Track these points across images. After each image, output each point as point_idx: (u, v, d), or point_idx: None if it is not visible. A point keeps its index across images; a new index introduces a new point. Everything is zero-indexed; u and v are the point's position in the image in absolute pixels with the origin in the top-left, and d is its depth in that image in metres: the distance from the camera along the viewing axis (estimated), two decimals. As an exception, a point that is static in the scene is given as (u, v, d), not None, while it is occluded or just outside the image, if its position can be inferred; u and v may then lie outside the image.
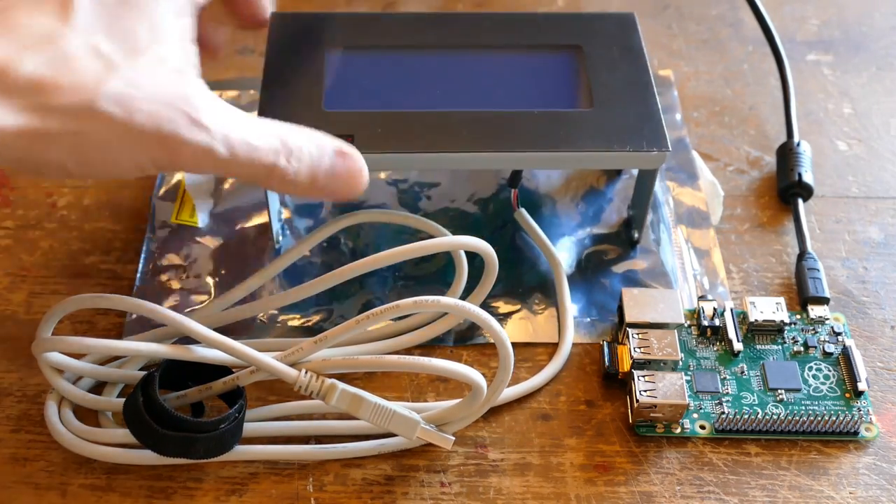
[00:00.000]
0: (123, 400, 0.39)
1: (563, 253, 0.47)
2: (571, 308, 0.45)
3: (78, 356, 0.40)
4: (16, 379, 0.42)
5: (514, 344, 0.40)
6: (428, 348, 0.44)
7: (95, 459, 0.40)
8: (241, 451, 0.39)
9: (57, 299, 0.45)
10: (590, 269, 0.47)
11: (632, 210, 0.48)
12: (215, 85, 0.51)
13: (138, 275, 0.46)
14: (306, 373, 0.38)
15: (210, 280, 0.46)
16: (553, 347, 0.44)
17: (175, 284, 0.46)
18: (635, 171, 0.47)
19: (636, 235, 0.47)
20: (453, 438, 0.39)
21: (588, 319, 0.45)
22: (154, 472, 0.40)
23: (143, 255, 0.47)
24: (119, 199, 0.50)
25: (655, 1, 0.60)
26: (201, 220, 0.48)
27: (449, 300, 0.38)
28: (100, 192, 0.50)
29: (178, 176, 0.50)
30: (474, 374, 0.38)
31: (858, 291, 0.46)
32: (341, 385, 0.38)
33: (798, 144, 0.50)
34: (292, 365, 0.38)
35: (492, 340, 0.39)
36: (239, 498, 0.39)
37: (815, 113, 0.54)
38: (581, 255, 0.47)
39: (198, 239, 0.48)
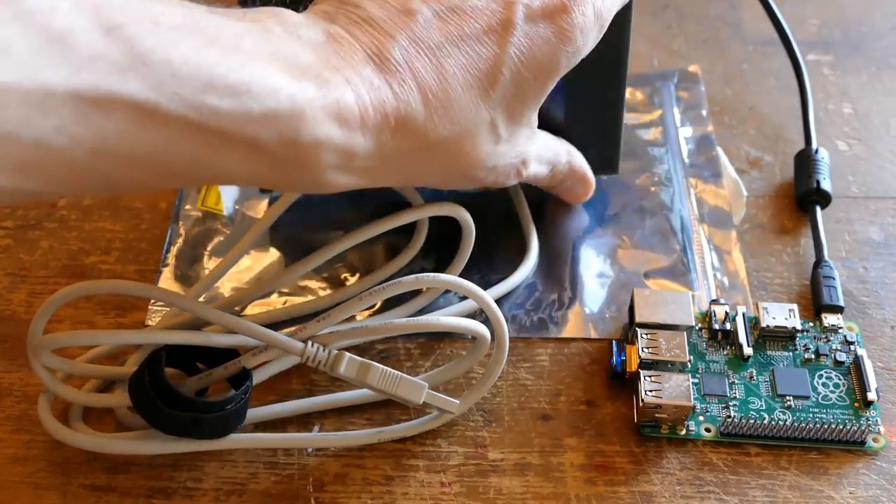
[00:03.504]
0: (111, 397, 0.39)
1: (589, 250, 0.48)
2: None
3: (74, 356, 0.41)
4: (16, 379, 0.42)
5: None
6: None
7: (97, 456, 0.40)
8: (242, 439, 0.39)
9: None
10: (609, 265, 0.47)
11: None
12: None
13: (163, 258, 0.47)
14: (313, 344, 0.38)
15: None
16: (562, 342, 0.44)
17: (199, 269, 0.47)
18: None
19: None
20: (458, 402, 0.40)
21: (607, 315, 0.45)
22: (154, 472, 0.40)
23: (166, 241, 0.47)
24: (119, 199, 0.50)
25: (655, 1, 0.60)
26: (226, 208, 0.49)
27: (449, 277, 0.39)
28: (100, 192, 0.50)
29: None
30: (479, 327, 0.39)
31: (858, 291, 0.46)
32: (349, 354, 0.38)
33: (816, 151, 0.50)
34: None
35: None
36: (239, 498, 0.39)
37: (815, 113, 0.54)
38: (602, 250, 0.48)
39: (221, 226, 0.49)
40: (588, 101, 0.45)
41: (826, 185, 0.49)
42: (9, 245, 0.48)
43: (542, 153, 0.42)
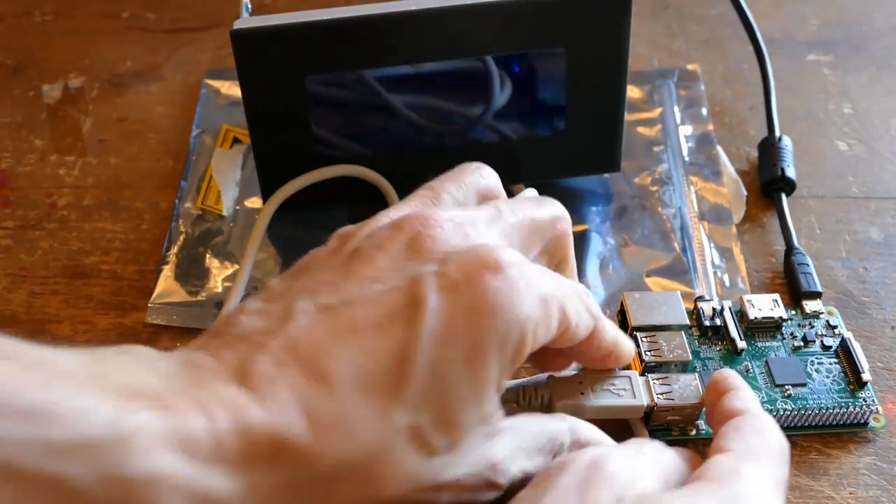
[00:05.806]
0: None
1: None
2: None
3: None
4: (16, 379, 0.42)
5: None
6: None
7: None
8: None
9: (57, 299, 0.45)
10: (610, 263, 0.47)
11: None
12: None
13: (163, 257, 0.47)
14: None
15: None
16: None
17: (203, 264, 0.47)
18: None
19: None
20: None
21: (608, 314, 0.45)
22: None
23: (167, 240, 0.47)
24: (119, 199, 0.50)
25: (655, 1, 0.60)
26: (226, 208, 0.49)
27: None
28: (100, 192, 0.50)
29: (204, 161, 0.51)
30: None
31: (858, 291, 0.46)
32: None
33: (780, 139, 0.50)
34: None
35: None
36: (239, 498, 0.39)
37: (816, 113, 0.54)
38: (603, 250, 0.48)
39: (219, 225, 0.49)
40: (588, 101, 0.45)
41: (790, 172, 0.49)
42: (9, 245, 0.48)
43: (523, 446, 0.32)
